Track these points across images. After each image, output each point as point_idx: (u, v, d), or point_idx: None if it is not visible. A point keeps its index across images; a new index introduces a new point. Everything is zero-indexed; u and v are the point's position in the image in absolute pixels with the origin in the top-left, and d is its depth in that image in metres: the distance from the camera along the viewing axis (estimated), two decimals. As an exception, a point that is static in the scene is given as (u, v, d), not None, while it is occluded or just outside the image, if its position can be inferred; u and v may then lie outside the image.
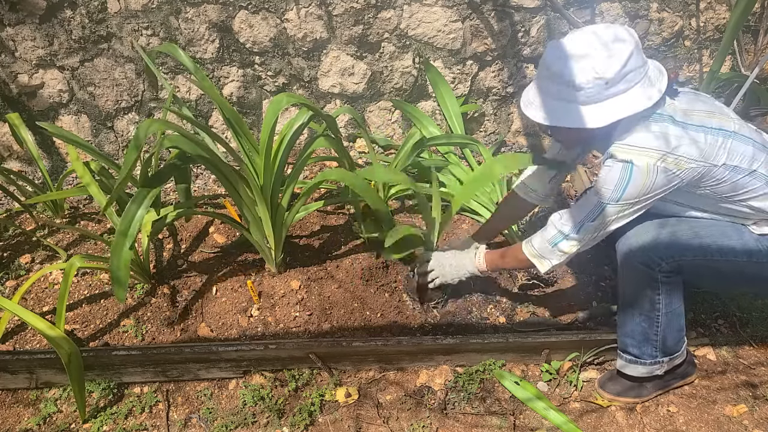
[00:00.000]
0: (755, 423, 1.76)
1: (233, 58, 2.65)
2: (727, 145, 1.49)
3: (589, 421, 1.80)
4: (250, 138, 2.04)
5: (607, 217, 1.56)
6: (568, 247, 1.66)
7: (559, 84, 1.45)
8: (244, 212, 2.03)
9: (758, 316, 2.08)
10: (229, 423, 1.80)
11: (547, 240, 1.69)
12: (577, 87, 1.42)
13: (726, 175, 1.51)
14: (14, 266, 2.36)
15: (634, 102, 1.43)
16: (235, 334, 2.04)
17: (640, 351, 1.74)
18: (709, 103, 1.59)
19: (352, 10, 2.52)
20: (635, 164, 1.46)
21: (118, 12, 2.50)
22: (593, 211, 1.57)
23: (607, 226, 1.59)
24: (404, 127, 2.89)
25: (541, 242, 1.72)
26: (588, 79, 1.41)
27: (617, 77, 1.40)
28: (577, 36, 1.45)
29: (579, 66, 1.41)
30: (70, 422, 1.83)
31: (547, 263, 1.73)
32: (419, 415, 1.82)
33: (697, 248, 1.61)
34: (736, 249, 1.59)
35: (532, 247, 1.74)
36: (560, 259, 1.70)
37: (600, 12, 2.61)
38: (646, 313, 1.69)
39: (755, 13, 2.61)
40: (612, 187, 1.51)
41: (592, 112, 1.45)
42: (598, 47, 1.40)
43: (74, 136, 2.35)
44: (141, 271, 2.16)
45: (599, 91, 1.42)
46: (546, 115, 1.50)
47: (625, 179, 1.48)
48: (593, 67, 1.39)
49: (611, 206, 1.54)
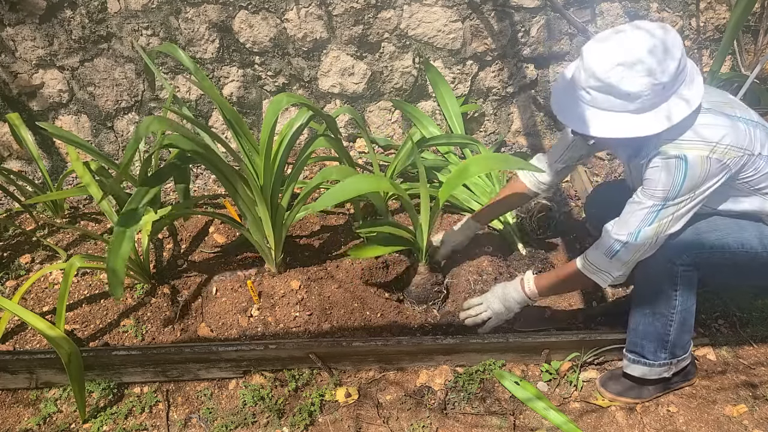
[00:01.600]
0: (755, 423, 1.76)
1: (233, 58, 2.65)
2: (757, 134, 1.48)
3: (589, 421, 1.80)
4: (250, 138, 2.04)
5: (664, 219, 1.51)
6: (628, 255, 1.59)
7: (609, 93, 1.37)
8: (244, 212, 2.03)
9: (758, 316, 2.08)
10: (229, 423, 1.80)
11: (603, 252, 1.61)
12: (632, 96, 1.35)
13: (760, 165, 1.49)
14: (14, 266, 2.37)
15: (690, 99, 1.38)
16: (235, 334, 2.04)
17: (649, 353, 1.73)
18: (725, 95, 1.57)
19: (352, 10, 2.52)
20: (688, 158, 1.42)
21: (118, 12, 2.50)
22: (649, 214, 1.51)
23: (665, 230, 1.53)
24: (404, 127, 2.89)
25: (597, 256, 1.64)
26: (645, 87, 1.33)
27: (672, 79, 1.34)
28: (623, 39, 1.35)
29: (633, 73, 1.32)
30: (70, 422, 1.83)
31: (607, 277, 1.65)
32: (419, 415, 1.82)
33: (716, 242, 1.59)
34: (753, 242, 1.59)
35: (589, 264, 1.67)
36: (621, 270, 1.63)
37: (600, 12, 2.61)
38: (661, 311, 1.67)
39: (755, 13, 2.62)
40: (667, 187, 1.46)
41: (647, 119, 1.39)
42: (650, 49, 1.32)
43: (74, 136, 2.35)
44: (141, 271, 2.16)
45: (656, 95, 1.36)
46: (595, 127, 1.42)
47: (681, 175, 1.43)
48: (649, 73, 1.32)
49: (668, 207, 1.49)
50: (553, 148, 1.92)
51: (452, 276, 2.20)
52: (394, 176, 2.56)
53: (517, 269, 2.23)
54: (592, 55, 1.37)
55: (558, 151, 1.90)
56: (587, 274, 1.69)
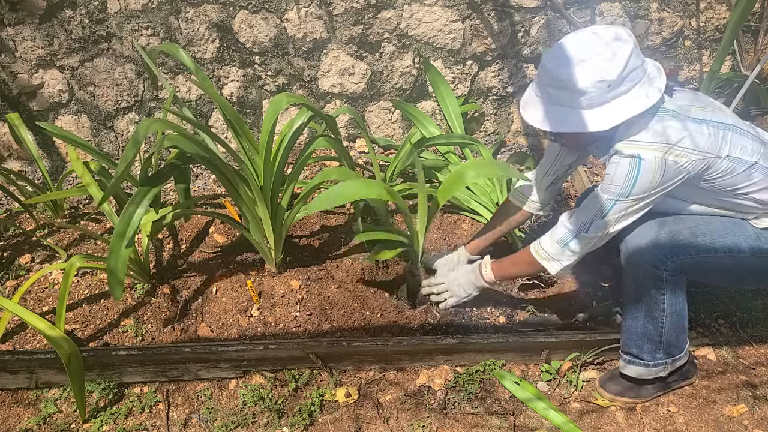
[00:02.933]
0: (755, 423, 1.76)
1: (233, 58, 2.65)
2: (728, 137, 1.51)
3: (589, 421, 1.80)
4: (250, 138, 2.04)
5: (617, 214, 1.57)
6: (579, 247, 1.66)
7: (562, 89, 1.45)
8: (244, 212, 2.03)
9: (758, 316, 2.08)
10: (229, 423, 1.80)
11: (557, 240, 1.69)
12: (580, 92, 1.42)
13: (729, 167, 1.52)
14: (14, 266, 2.37)
15: (637, 102, 1.44)
16: (235, 334, 2.04)
17: (644, 353, 1.74)
18: (706, 100, 1.61)
19: (352, 10, 2.52)
20: (643, 158, 1.47)
21: (118, 12, 2.50)
22: (602, 208, 1.57)
23: (617, 223, 1.60)
24: (404, 127, 2.89)
25: (550, 243, 1.71)
26: (591, 83, 1.41)
27: (619, 79, 1.40)
28: (576, 39, 1.45)
29: (580, 70, 1.41)
30: (70, 422, 1.83)
31: (557, 264, 1.72)
32: (419, 415, 1.82)
33: (700, 245, 1.61)
34: (739, 244, 1.60)
35: (542, 249, 1.73)
36: (570, 259, 1.70)
37: (600, 12, 2.61)
38: (650, 314, 1.69)
39: (755, 13, 2.62)
40: (621, 183, 1.51)
41: (597, 115, 1.45)
42: (599, 50, 1.40)
43: (74, 136, 2.35)
44: (141, 271, 2.16)
45: (602, 93, 1.42)
46: (550, 122, 1.51)
47: (634, 174, 1.49)
48: (595, 71, 1.40)
49: (621, 202, 1.54)
50: (541, 163, 1.94)
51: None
52: (394, 176, 2.56)
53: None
54: (550, 55, 1.46)
55: (546, 163, 1.91)
56: (539, 259, 1.75)
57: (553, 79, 1.46)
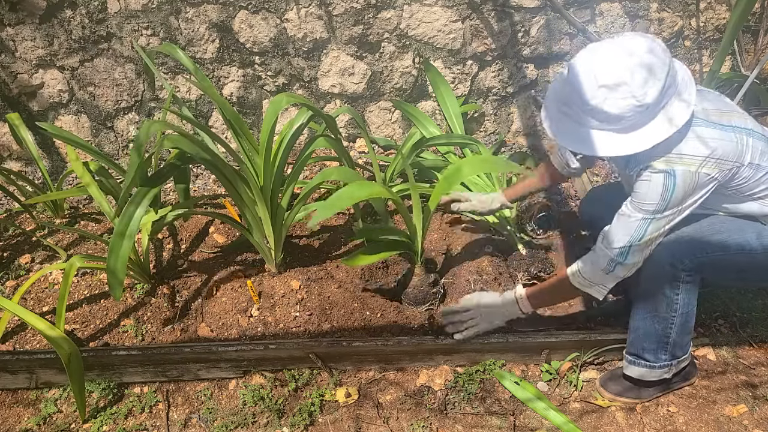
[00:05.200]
0: (755, 423, 1.76)
1: (233, 58, 2.65)
2: (749, 142, 1.48)
3: (589, 421, 1.80)
4: (250, 138, 2.04)
5: (655, 233, 1.52)
6: (624, 271, 1.60)
7: (596, 116, 1.38)
8: (244, 212, 2.03)
9: (758, 316, 2.08)
10: (229, 423, 1.80)
11: (600, 269, 1.61)
12: (617, 117, 1.36)
13: (751, 173, 1.50)
14: (14, 266, 2.37)
15: (676, 116, 1.38)
16: (235, 334, 2.04)
17: (649, 354, 1.73)
18: (719, 99, 1.57)
19: (352, 10, 2.52)
20: (677, 173, 1.42)
21: (118, 12, 2.50)
22: (639, 228, 1.51)
23: (656, 241, 1.56)
24: (404, 127, 2.89)
25: (593, 271, 1.64)
26: (628, 109, 1.34)
27: (657, 100, 1.34)
28: (607, 59, 1.34)
29: (616, 95, 1.33)
30: (70, 422, 1.83)
31: (603, 290, 1.66)
32: (419, 415, 1.82)
33: (717, 244, 1.59)
34: (753, 244, 1.59)
35: (583, 278, 1.66)
36: (615, 281, 1.65)
37: (600, 12, 2.61)
38: (662, 314, 1.67)
39: (755, 13, 2.62)
40: (657, 200, 1.46)
41: (637, 136, 1.39)
42: (634, 70, 1.31)
43: (74, 137, 2.35)
44: (141, 271, 2.16)
45: (641, 116, 1.36)
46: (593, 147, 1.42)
47: (669, 189, 1.44)
48: (632, 95, 1.32)
49: (657, 221, 1.50)
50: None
51: (451, 276, 2.20)
52: (393, 176, 2.56)
53: (517, 269, 2.22)
54: (577, 75, 1.37)
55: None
56: (582, 288, 1.69)
57: (583, 102, 1.37)
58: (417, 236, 2.03)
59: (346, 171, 2.05)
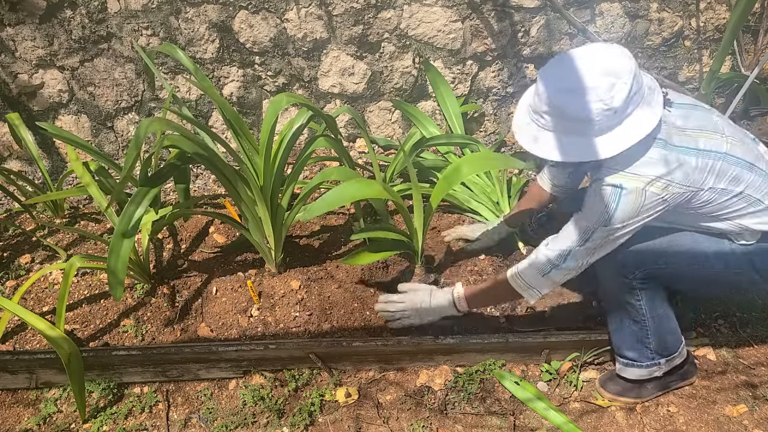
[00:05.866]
0: (755, 423, 1.76)
1: (233, 58, 2.65)
2: (717, 167, 1.46)
3: (589, 421, 1.80)
4: (250, 138, 2.04)
5: (596, 242, 1.53)
6: (560, 276, 1.62)
7: (566, 120, 1.38)
8: (244, 212, 2.03)
9: (758, 316, 2.08)
10: (229, 423, 1.80)
11: (537, 269, 1.63)
12: (586, 120, 1.36)
13: (712, 197, 1.49)
14: (14, 266, 2.37)
15: (643, 123, 1.38)
16: (235, 334, 2.04)
17: (636, 354, 1.74)
18: (703, 117, 1.53)
19: (352, 10, 2.52)
20: (624, 188, 1.43)
21: (118, 12, 2.50)
22: (582, 236, 1.53)
23: (597, 251, 1.56)
24: (404, 127, 2.89)
25: (530, 273, 1.65)
26: (597, 112, 1.34)
27: (625, 104, 1.35)
28: (575, 64, 1.36)
29: (585, 100, 1.33)
30: (70, 422, 1.83)
31: (536, 293, 1.68)
32: (419, 415, 1.82)
33: (671, 256, 1.60)
34: (711, 258, 1.59)
35: (520, 278, 1.68)
36: (550, 287, 1.67)
37: (600, 12, 2.61)
38: (632, 319, 1.69)
39: (755, 13, 2.61)
40: (601, 211, 1.47)
41: (604, 142, 1.39)
42: (601, 75, 1.33)
43: (74, 137, 2.35)
44: (141, 271, 2.16)
45: (608, 120, 1.36)
46: (557, 153, 1.43)
47: (615, 204, 1.45)
48: (600, 99, 1.33)
49: (600, 231, 1.50)
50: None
51: (451, 275, 2.20)
52: (393, 176, 2.56)
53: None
54: (544, 81, 1.39)
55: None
56: (517, 289, 1.70)
57: (555, 109, 1.38)
58: (417, 236, 2.03)
59: (346, 171, 2.05)
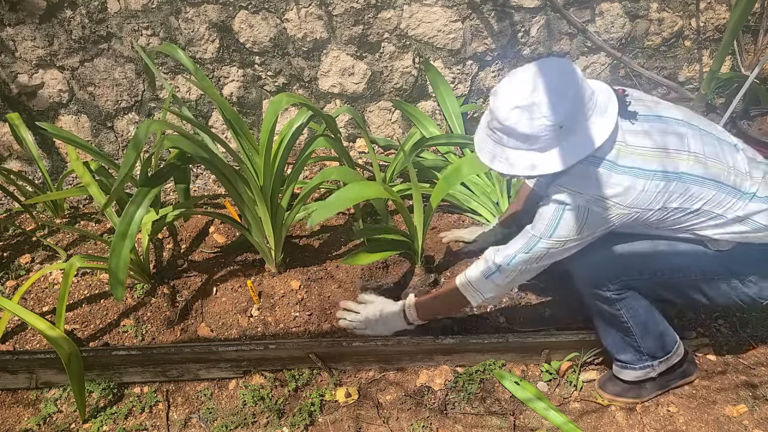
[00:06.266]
0: (755, 423, 1.76)
1: (233, 58, 2.65)
2: (669, 188, 1.44)
3: (589, 421, 1.80)
4: (250, 138, 2.04)
5: (539, 252, 1.55)
6: (501, 280, 1.63)
7: (514, 136, 1.40)
8: (244, 212, 2.03)
9: (758, 316, 2.08)
10: (229, 423, 1.80)
11: (481, 271, 1.65)
12: (532, 137, 1.38)
13: (665, 215, 1.48)
14: (14, 266, 2.37)
15: (593, 136, 1.39)
16: (235, 334, 2.04)
17: (629, 357, 1.74)
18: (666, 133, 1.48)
19: (352, 10, 2.52)
20: (567, 205, 1.45)
21: (118, 12, 2.50)
22: (527, 243, 1.56)
23: (539, 260, 1.57)
24: (404, 127, 2.89)
25: (475, 274, 1.67)
26: (541, 128, 1.36)
27: (569, 117, 1.35)
28: (521, 82, 1.38)
29: (529, 116, 1.35)
30: (70, 422, 1.83)
31: (478, 297, 1.69)
32: (419, 415, 1.82)
33: (646, 268, 1.61)
34: (687, 266, 1.59)
35: (467, 280, 1.70)
36: (493, 292, 1.67)
37: (600, 12, 2.61)
38: (617, 325, 1.70)
39: (755, 13, 2.61)
40: (545, 224, 1.50)
41: (549, 158, 1.41)
42: (543, 91, 1.35)
43: (74, 136, 2.35)
44: (141, 271, 2.16)
45: (555, 135, 1.37)
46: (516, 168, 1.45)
47: (557, 219, 1.47)
48: (543, 115, 1.34)
49: (543, 242, 1.52)
50: None
51: (451, 275, 2.20)
52: (393, 176, 2.56)
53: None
54: (496, 98, 1.41)
55: None
56: (461, 290, 1.71)
57: (500, 124, 1.40)
58: (418, 236, 2.03)
59: (346, 171, 2.05)
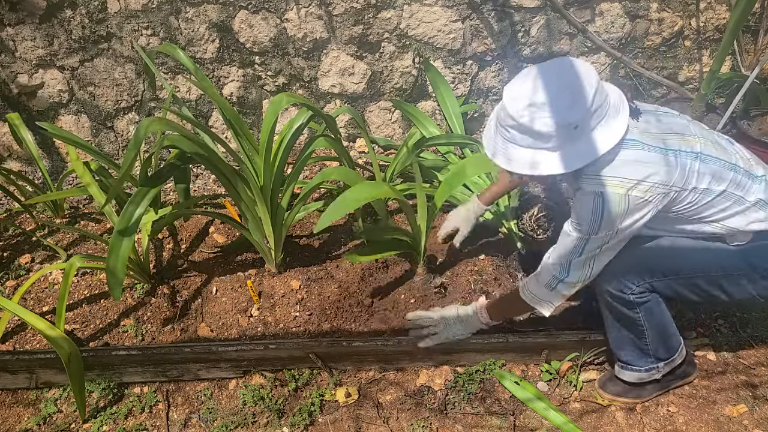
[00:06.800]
0: (755, 423, 1.76)
1: (233, 58, 2.65)
2: (695, 167, 1.46)
3: (589, 421, 1.80)
4: (250, 138, 2.04)
5: (593, 251, 1.52)
6: (567, 288, 1.62)
7: (529, 135, 1.39)
8: (244, 212, 2.03)
9: (758, 316, 2.08)
10: (229, 423, 1.80)
11: (544, 285, 1.64)
12: (547, 135, 1.36)
13: (696, 198, 1.48)
14: (14, 266, 2.37)
15: (606, 137, 1.39)
16: (235, 334, 2.04)
17: (634, 358, 1.74)
18: (673, 122, 1.54)
19: (352, 10, 2.52)
20: (605, 195, 1.43)
21: (118, 12, 2.50)
22: (577, 247, 1.53)
23: (597, 259, 1.55)
24: (404, 127, 2.89)
25: (538, 288, 1.66)
26: (557, 127, 1.35)
27: (585, 118, 1.35)
28: (539, 79, 1.37)
29: (545, 115, 1.34)
30: (70, 422, 1.83)
31: (549, 306, 1.68)
32: (419, 415, 1.82)
33: (668, 268, 1.60)
34: (711, 262, 1.58)
35: (530, 293, 1.69)
36: (562, 299, 1.66)
37: (600, 12, 2.61)
38: (630, 329, 1.69)
39: (755, 13, 2.61)
40: (588, 221, 1.47)
41: (568, 155, 1.40)
42: (561, 91, 1.34)
43: (74, 136, 2.35)
44: (141, 271, 2.16)
45: (569, 135, 1.37)
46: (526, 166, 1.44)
47: (598, 211, 1.44)
48: (559, 114, 1.34)
49: (593, 240, 1.50)
50: None
51: (452, 275, 2.20)
52: (393, 176, 2.56)
53: (517, 269, 2.23)
54: (509, 95, 1.40)
55: None
56: (531, 303, 1.71)
57: (518, 125, 1.39)
58: (421, 236, 2.03)
59: (346, 171, 2.05)
